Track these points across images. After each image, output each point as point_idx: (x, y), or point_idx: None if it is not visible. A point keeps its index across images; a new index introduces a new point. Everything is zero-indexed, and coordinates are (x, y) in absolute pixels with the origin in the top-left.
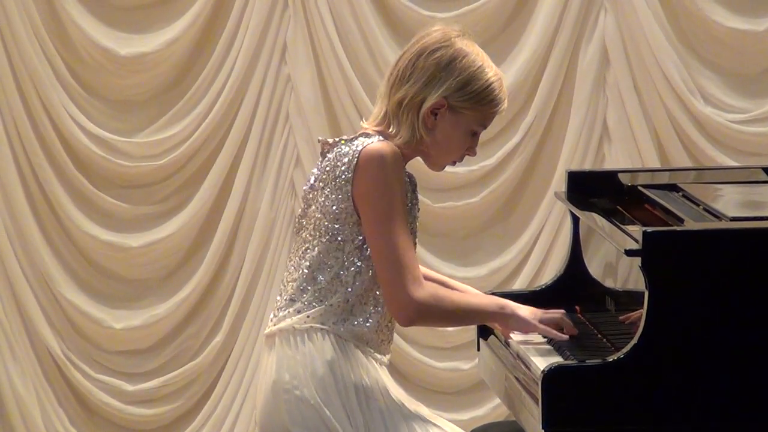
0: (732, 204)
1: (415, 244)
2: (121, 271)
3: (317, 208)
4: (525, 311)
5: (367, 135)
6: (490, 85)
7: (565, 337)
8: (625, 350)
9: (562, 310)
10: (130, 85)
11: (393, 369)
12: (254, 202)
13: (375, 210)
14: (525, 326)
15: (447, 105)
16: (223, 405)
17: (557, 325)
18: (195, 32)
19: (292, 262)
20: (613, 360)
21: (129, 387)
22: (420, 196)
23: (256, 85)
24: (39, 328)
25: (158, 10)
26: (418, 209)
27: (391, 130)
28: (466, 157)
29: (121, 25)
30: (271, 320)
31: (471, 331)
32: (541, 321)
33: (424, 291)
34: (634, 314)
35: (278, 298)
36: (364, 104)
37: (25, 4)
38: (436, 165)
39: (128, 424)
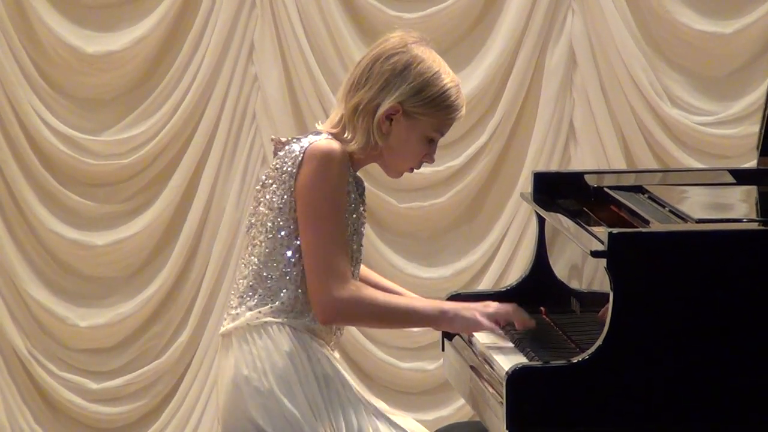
0: (698, 206)
1: (361, 245)
2: (86, 269)
3: (265, 204)
4: (470, 311)
5: (317, 133)
6: (446, 91)
7: (506, 340)
8: (589, 351)
9: (513, 304)
10: (96, 83)
11: (358, 369)
12: (220, 201)
13: (309, 204)
14: (471, 326)
15: (402, 110)
16: (187, 404)
17: (505, 321)
18: (162, 31)
19: (243, 260)
20: (578, 361)
21: (93, 385)
22: (386, 196)
23: (223, 84)
24: (3, 325)
25: (126, 8)
26: (364, 210)
27: (346, 135)
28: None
29: (89, 23)
30: (225, 319)
31: (435, 332)
32: (490, 318)
33: (346, 291)
34: (599, 315)
35: (231, 295)
36: (330, 104)
37: None
38: (393, 171)
39: (93, 423)
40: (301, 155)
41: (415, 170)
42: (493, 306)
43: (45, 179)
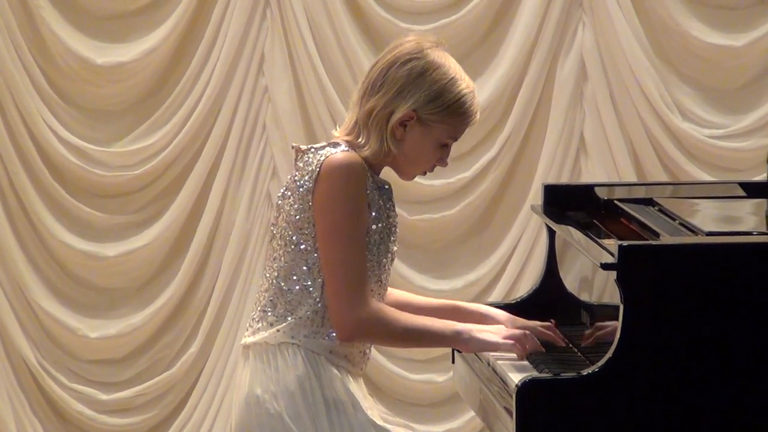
0: (708, 219)
1: (393, 253)
2: (96, 281)
3: (284, 217)
4: (484, 333)
5: (334, 144)
6: (461, 98)
7: (522, 358)
8: (599, 364)
9: (535, 324)
10: (107, 94)
11: (368, 381)
12: (230, 212)
13: (328, 221)
14: (487, 347)
15: (416, 117)
16: (197, 415)
17: (521, 341)
18: (173, 42)
19: (266, 273)
20: (588, 374)
21: (103, 396)
22: (396, 208)
23: (234, 95)
24: (14, 336)
25: (136, 19)
26: (395, 214)
27: (360, 140)
28: (443, 169)
29: (99, 34)
30: (247, 330)
31: None
32: (505, 338)
33: (367, 310)
34: (609, 328)
35: (254, 306)
36: (341, 116)
37: (3, 11)
38: (406, 175)
39: None
40: (318, 169)
41: (428, 173)
42: (508, 331)
43: (55, 190)
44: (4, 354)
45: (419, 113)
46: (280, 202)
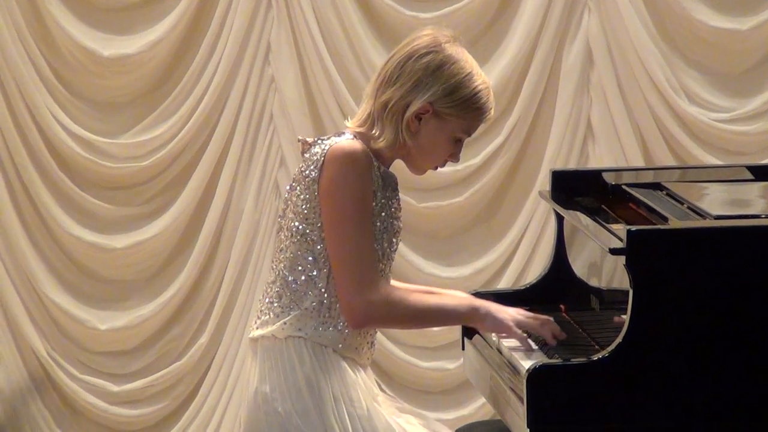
0: (716, 202)
1: (395, 242)
2: (105, 272)
3: (291, 208)
4: (502, 313)
5: (340, 134)
6: (477, 93)
7: (533, 347)
8: (609, 349)
9: (549, 318)
10: (113, 86)
11: (378, 369)
12: (238, 203)
13: (333, 207)
14: (501, 328)
15: (432, 110)
16: (208, 406)
17: (535, 332)
18: (179, 33)
19: (273, 264)
20: (598, 359)
21: (114, 387)
22: (404, 196)
23: (240, 86)
24: (23, 328)
25: (142, 11)
26: (399, 207)
27: (374, 132)
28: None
29: (105, 26)
30: (255, 322)
31: (455, 331)
32: (519, 325)
33: (376, 294)
34: (619, 313)
35: (261, 298)
36: (347, 104)
37: (9, 5)
38: (418, 169)
39: (113, 425)
40: (322, 158)
41: (438, 168)
42: (527, 314)
43: (63, 183)
44: (15, 346)
45: (435, 106)
46: (288, 194)
